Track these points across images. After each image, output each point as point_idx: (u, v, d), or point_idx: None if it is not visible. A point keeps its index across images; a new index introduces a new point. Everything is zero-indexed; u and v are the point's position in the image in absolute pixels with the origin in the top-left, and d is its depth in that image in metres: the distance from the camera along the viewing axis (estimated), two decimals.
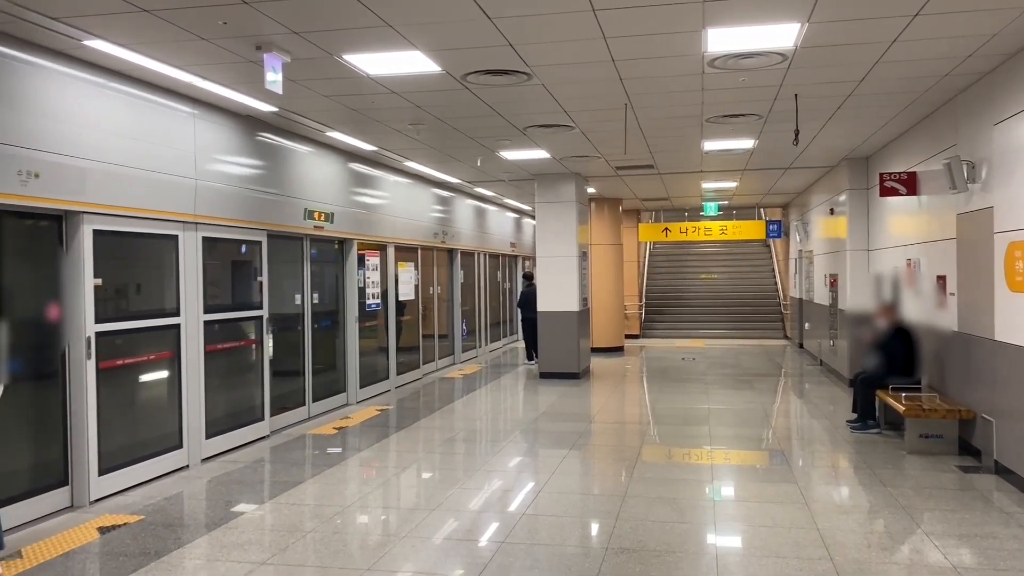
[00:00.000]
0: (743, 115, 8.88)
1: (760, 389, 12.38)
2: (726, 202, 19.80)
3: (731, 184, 15.69)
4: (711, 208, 19.60)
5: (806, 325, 17.34)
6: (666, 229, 21.27)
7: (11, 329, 4.80)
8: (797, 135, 9.02)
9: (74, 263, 6.24)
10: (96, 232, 6.36)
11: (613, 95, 7.77)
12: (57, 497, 6.14)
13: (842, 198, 12.80)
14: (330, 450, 8.27)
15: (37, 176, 5.71)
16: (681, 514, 5.95)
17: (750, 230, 21.08)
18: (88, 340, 6.27)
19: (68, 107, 6.10)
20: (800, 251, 18.04)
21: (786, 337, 21.17)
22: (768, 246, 24.74)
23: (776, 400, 11.71)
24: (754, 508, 6.20)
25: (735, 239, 21.54)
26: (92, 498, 6.30)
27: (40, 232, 6.11)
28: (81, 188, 6.15)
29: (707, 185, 15.87)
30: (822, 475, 7.35)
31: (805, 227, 17.24)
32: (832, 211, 13.75)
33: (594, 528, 5.77)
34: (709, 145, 10.88)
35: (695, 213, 21.99)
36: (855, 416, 9.18)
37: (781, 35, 5.97)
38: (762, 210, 23.99)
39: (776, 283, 23.46)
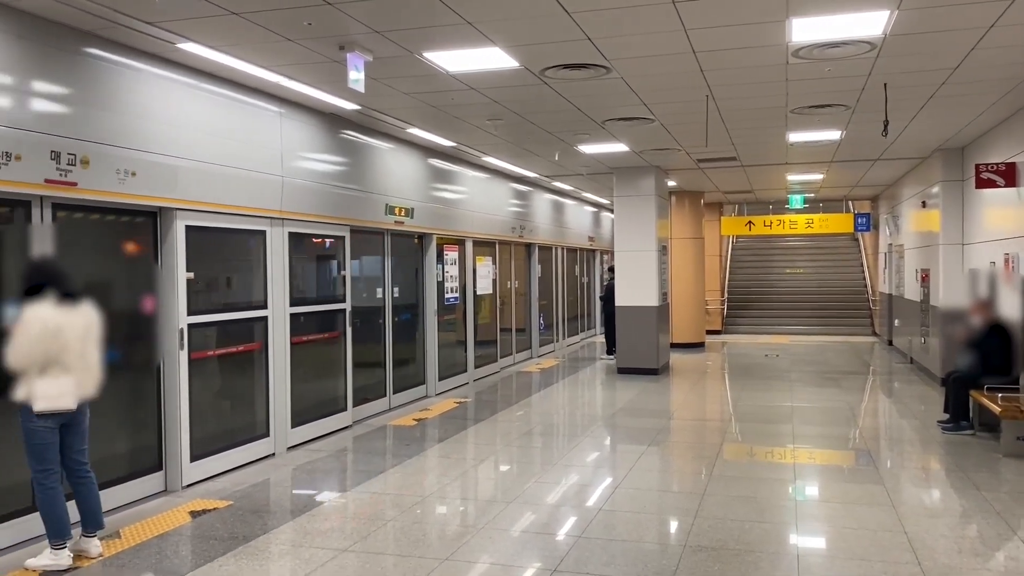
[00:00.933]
0: (829, 106, 8.63)
1: (846, 387, 12.04)
2: (812, 195, 19.28)
3: (817, 176, 15.28)
4: (797, 201, 19.11)
5: (896, 322, 16.75)
6: (750, 223, 20.84)
7: (109, 320, 5.04)
8: (886, 126, 8.72)
9: (168, 258, 6.51)
10: (188, 228, 6.62)
11: (694, 87, 7.66)
12: (152, 481, 6.43)
13: (935, 190, 12.31)
14: (410, 441, 8.41)
15: (134, 174, 5.97)
16: (761, 513, 5.84)
17: (837, 223, 20.47)
18: (181, 332, 6.53)
19: (162, 108, 6.36)
20: (890, 245, 17.43)
21: (874, 334, 20.50)
22: (856, 240, 23.97)
23: (863, 399, 11.37)
24: (838, 509, 6.04)
25: (822, 232, 20.95)
26: (184, 483, 6.58)
27: (136, 228, 6.39)
28: (174, 186, 6.41)
29: (792, 177, 15.49)
30: (911, 477, 7.10)
31: (895, 220, 16.65)
32: (924, 204, 13.24)
33: (672, 525, 5.72)
34: (794, 136, 10.62)
35: (780, 206, 21.48)
36: (947, 417, 8.83)
37: (869, 23, 5.78)
38: (850, 203, 23.26)
39: (864, 278, 22.73)
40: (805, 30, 5.92)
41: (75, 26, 5.53)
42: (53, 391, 4.65)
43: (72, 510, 4.93)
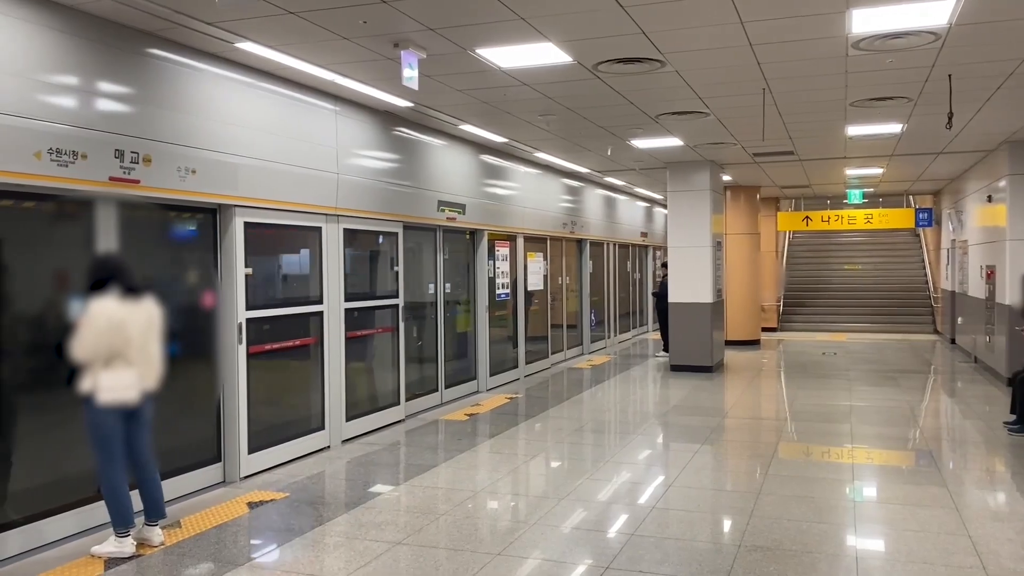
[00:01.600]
0: (890, 98, 8.42)
1: (906, 386, 11.74)
2: (871, 189, 18.83)
3: (877, 170, 14.92)
4: (855, 196, 18.69)
5: (959, 319, 16.28)
6: (807, 218, 20.45)
7: (170, 315, 5.17)
8: (951, 118, 8.47)
9: (227, 253, 6.64)
10: (247, 224, 6.74)
11: (750, 80, 7.54)
12: (211, 473, 6.58)
13: (1002, 184, 11.93)
14: (461, 436, 8.46)
15: (194, 172, 6.11)
16: (819, 514, 5.74)
17: (898, 218, 19.97)
18: (240, 326, 6.67)
19: (221, 106, 6.49)
20: (953, 241, 16.95)
21: (936, 332, 19.96)
22: (918, 235, 23.37)
23: (924, 398, 11.08)
24: (898, 511, 5.90)
25: (881, 228, 20.45)
26: (242, 474, 6.71)
27: (197, 224, 6.53)
28: (234, 183, 6.53)
29: (851, 172, 15.16)
30: (975, 479, 6.90)
31: (959, 215, 16.18)
32: (990, 198, 12.83)
33: (727, 525, 5.65)
34: (853, 130, 10.39)
35: (838, 201, 21.04)
36: (1014, 418, 8.56)
37: (933, 13, 5.62)
38: (911, 197, 22.68)
39: (926, 274, 22.15)
40: (866, 21, 5.78)
41: (138, 27, 5.67)
42: (117, 383, 4.78)
43: (135, 499, 5.06)
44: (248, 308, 6.77)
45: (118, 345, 4.78)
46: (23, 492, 5.18)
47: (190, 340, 6.51)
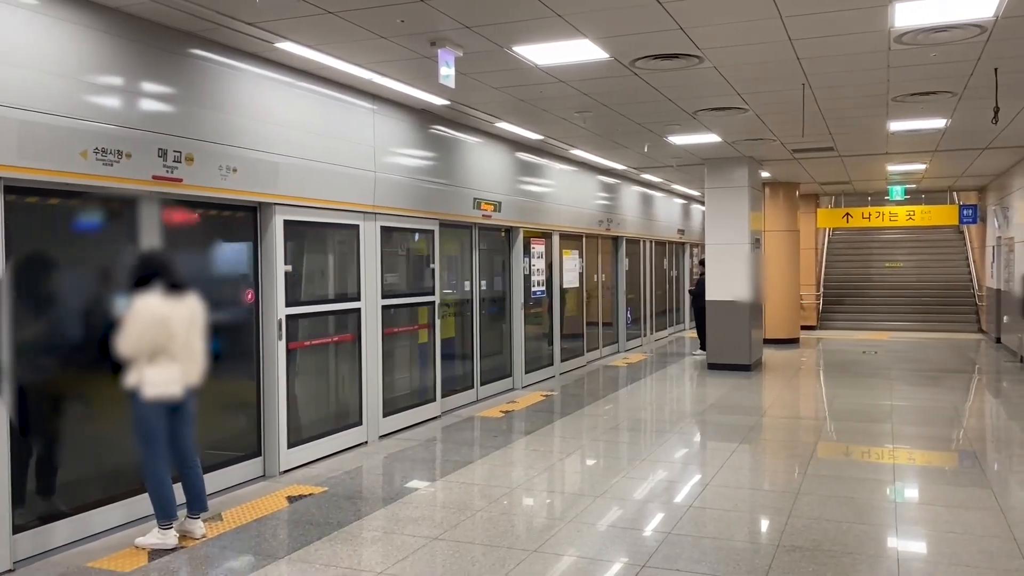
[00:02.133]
0: (934, 93, 8.27)
1: (949, 386, 11.53)
2: (914, 185, 18.49)
3: (920, 166, 14.65)
4: (897, 192, 18.37)
5: (1004, 318, 15.93)
6: (847, 215, 20.16)
7: (211, 311, 5.26)
8: (997, 113, 8.29)
9: (267, 251, 6.73)
10: (286, 222, 6.83)
11: (790, 75, 7.46)
12: (251, 467, 6.67)
13: None
14: (497, 433, 8.48)
15: (235, 171, 6.20)
16: (859, 515, 5.66)
17: (941, 215, 19.60)
18: (279, 322, 6.75)
19: (261, 106, 6.58)
20: (999, 238, 16.59)
21: (981, 331, 19.55)
22: (962, 232, 22.90)
23: (968, 398, 10.87)
24: (941, 512, 5.80)
25: (924, 225, 20.09)
26: (281, 469, 6.80)
27: (237, 222, 6.63)
28: (274, 181, 6.62)
29: (893, 168, 14.90)
30: (1021, 480, 6.75)
31: (1004, 212, 15.81)
32: None
33: (764, 524, 5.60)
34: (895, 125, 10.22)
35: (879, 197, 20.69)
36: None
37: (979, 5, 5.51)
38: (955, 194, 22.23)
39: (970, 272, 21.70)
40: (909, 14, 5.68)
41: (180, 28, 5.76)
42: (161, 378, 4.87)
43: (178, 492, 5.16)
44: (287, 305, 6.85)
45: (162, 341, 4.87)
46: (71, 484, 5.31)
47: (231, 336, 6.60)
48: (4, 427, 4.63)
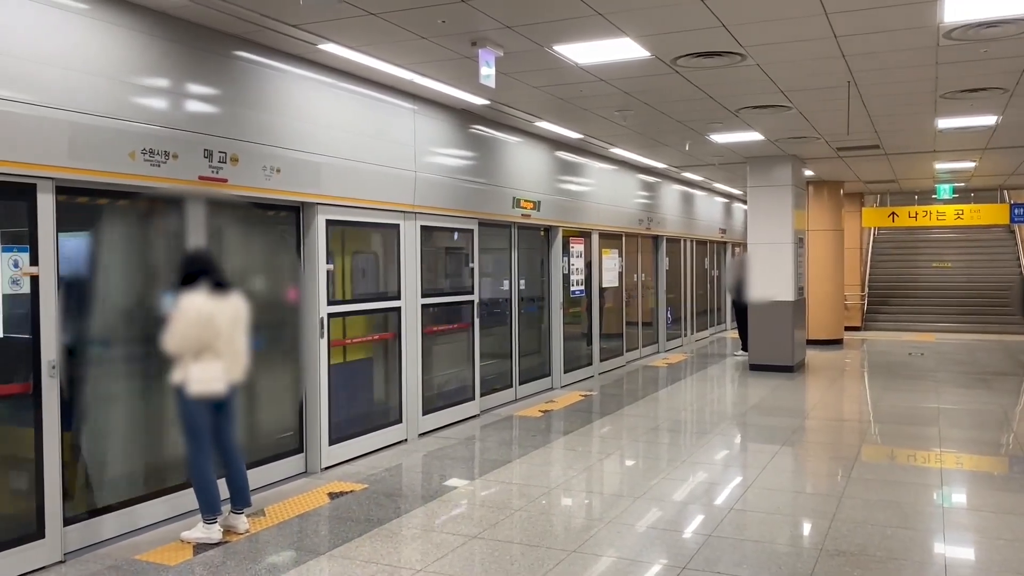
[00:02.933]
0: (984, 89, 8.08)
1: (999, 389, 11.26)
2: (963, 184, 18.10)
3: (969, 164, 14.33)
4: (945, 191, 17.99)
5: None
6: (893, 214, 19.78)
7: (255, 309, 5.34)
8: None
9: (310, 250, 6.80)
10: (328, 222, 6.90)
11: (834, 73, 7.34)
12: (293, 463, 6.75)
13: None
14: (536, 432, 8.48)
15: (279, 171, 6.28)
16: (905, 519, 5.56)
17: (991, 214, 19.11)
18: (321, 321, 6.83)
19: (304, 106, 6.65)
20: None
21: None
22: (1013, 231, 22.34)
23: (1019, 401, 10.60)
24: (990, 518, 5.67)
25: (973, 224, 19.63)
26: (323, 465, 6.87)
27: (280, 221, 6.71)
28: (316, 181, 6.69)
29: (940, 166, 14.60)
30: None
31: None
32: None
33: (807, 528, 5.53)
34: (944, 123, 10.00)
35: (926, 196, 20.27)
36: None
37: None
38: (1006, 192, 21.69)
39: (1021, 272, 21.16)
40: (959, 9, 5.56)
41: (224, 30, 5.85)
42: (205, 375, 4.95)
43: (222, 488, 5.24)
44: (329, 303, 6.92)
45: (207, 338, 4.95)
46: (117, 478, 5.43)
47: (275, 334, 6.69)
48: (55, 422, 4.75)
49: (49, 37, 4.70)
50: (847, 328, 18.35)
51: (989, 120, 9.84)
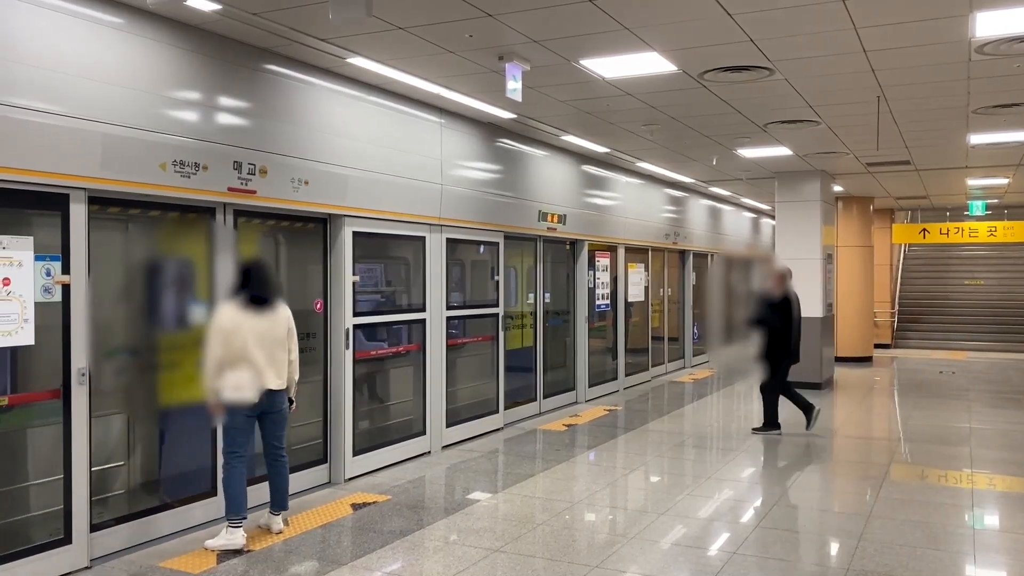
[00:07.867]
0: (1018, 104, 7.97)
1: None
2: (996, 200, 17.84)
3: (1002, 181, 14.12)
4: (977, 207, 17.73)
5: None
6: (924, 230, 19.54)
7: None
8: None
9: (336, 261, 6.85)
10: (355, 233, 6.94)
11: (864, 88, 7.28)
12: (317, 473, 6.78)
13: None
14: (560, 447, 8.44)
15: (307, 183, 6.34)
16: (935, 540, 5.46)
17: None
18: (347, 332, 6.86)
19: (333, 119, 6.72)
20: None
21: None
22: None
23: None
24: (1022, 541, 5.54)
25: (1007, 241, 19.32)
26: (347, 476, 6.89)
27: (307, 233, 6.77)
28: (343, 194, 6.75)
29: (973, 182, 14.41)
30: None
31: None
32: None
33: (834, 547, 5.45)
34: (976, 138, 9.88)
35: (958, 213, 20.00)
36: None
37: None
38: None
39: None
40: (991, 24, 5.50)
41: (254, 44, 5.93)
42: (235, 383, 5.08)
43: (264, 491, 5.40)
44: (355, 315, 6.96)
45: (233, 350, 5.06)
46: (145, 485, 5.49)
47: (302, 345, 6.72)
48: (84, 428, 4.81)
49: (86, 51, 4.80)
50: (877, 346, 18.11)
51: (1023, 136, 9.69)
